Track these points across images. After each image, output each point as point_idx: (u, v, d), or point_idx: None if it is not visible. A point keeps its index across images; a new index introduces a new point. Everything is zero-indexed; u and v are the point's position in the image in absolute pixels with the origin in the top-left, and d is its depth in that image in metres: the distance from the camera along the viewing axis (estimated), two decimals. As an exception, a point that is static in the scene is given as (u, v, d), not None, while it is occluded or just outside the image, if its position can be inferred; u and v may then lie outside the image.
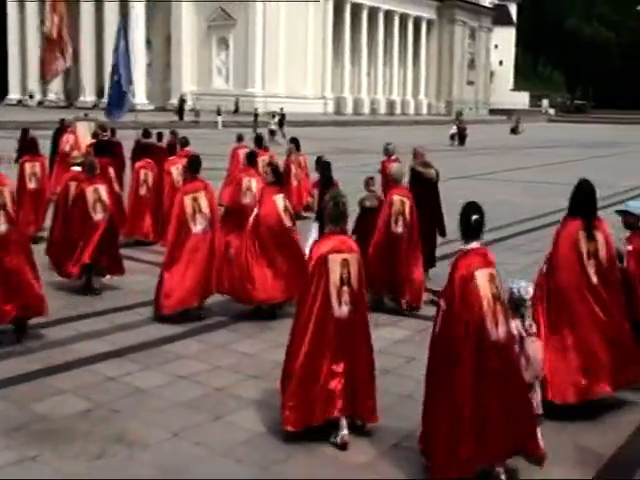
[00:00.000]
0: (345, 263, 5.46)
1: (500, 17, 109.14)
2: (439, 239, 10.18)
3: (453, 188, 19.89)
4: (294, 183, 15.04)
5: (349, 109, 77.12)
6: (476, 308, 4.70)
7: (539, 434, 5.00)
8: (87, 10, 65.88)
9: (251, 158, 10.56)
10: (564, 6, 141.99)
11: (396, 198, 8.76)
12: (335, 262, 5.42)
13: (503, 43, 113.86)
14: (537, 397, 5.21)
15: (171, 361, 7.13)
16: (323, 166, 10.22)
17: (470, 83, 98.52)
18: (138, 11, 62.86)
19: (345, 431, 5.45)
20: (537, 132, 57.65)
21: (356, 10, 78.18)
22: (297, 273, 7.36)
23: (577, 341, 5.88)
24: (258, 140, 14.13)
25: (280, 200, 8.42)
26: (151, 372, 6.83)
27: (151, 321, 8.31)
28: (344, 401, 5.45)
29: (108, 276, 9.67)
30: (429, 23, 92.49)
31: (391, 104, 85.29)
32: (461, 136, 41.53)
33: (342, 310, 5.43)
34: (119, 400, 6.16)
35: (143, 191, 12.60)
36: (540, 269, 6.19)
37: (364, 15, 79.87)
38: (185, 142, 13.63)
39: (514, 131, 56.28)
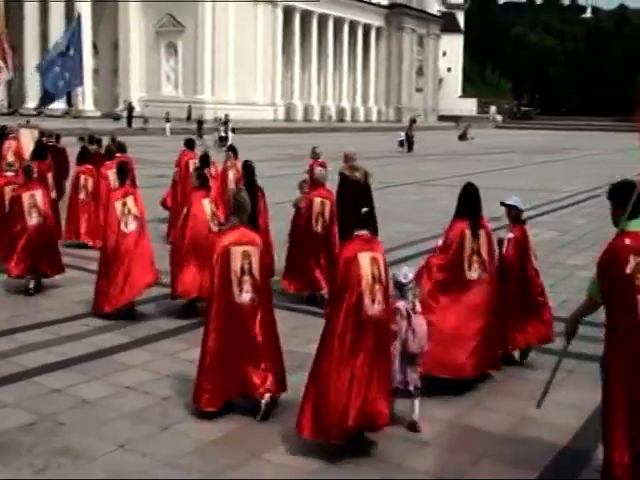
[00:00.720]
0: (246, 254, 5.95)
1: (448, 24, 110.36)
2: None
3: (404, 193, 20.20)
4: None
5: (299, 116, 77.24)
6: (355, 284, 5.27)
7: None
8: (31, 14, 64.74)
9: (205, 161, 11.33)
10: (510, 14, 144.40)
11: (317, 200, 9.20)
12: (236, 253, 5.91)
13: (451, 50, 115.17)
14: (416, 374, 5.78)
15: (118, 371, 7.03)
16: (248, 170, 10.41)
17: (419, 90, 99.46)
18: (84, 16, 61.97)
19: (264, 406, 5.94)
20: (485, 138, 58.40)
21: (306, 17, 78.44)
22: None
23: (451, 325, 6.50)
24: (189, 143, 14.18)
25: (207, 204, 8.77)
26: (97, 383, 6.73)
27: (97, 331, 8.19)
28: (258, 382, 5.94)
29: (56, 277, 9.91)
30: (378, 30, 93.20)
31: (341, 111, 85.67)
32: (409, 142, 41.91)
33: (243, 298, 5.93)
34: (64, 412, 6.05)
35: (82, 196, 12.95)
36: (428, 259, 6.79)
37: (314, 22, 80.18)
38: (122, 148, 13.97)
39: (462, 137, 56.97)
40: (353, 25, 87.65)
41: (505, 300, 6.91)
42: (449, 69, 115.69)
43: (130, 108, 52.77)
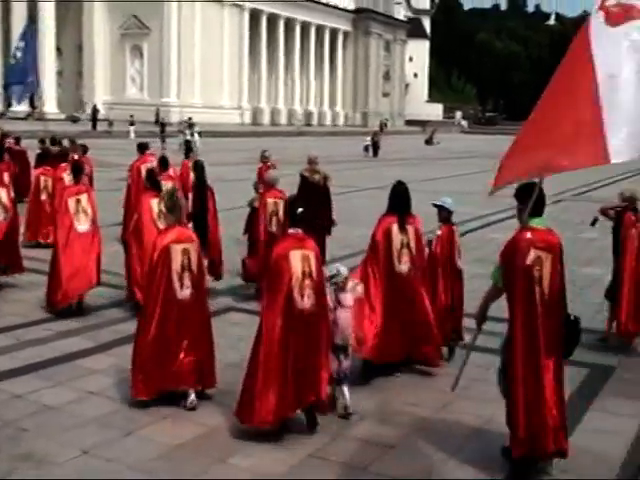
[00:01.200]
0: (185, 252, 6.24)
1: (414, 30, 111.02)
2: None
3: (368, 197, 20.23)
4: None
5: (266, 119, 77.12)
6: (286, 280, 5.61)
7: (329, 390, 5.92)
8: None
9: (164, 163, 11.42)
10: (475, 20, 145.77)
11: (270, 200, 9.58)
12: (177, 251, 6.19)
13: (417, 55, 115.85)
14: (346, 363, 6.20)
15: (81, 377, 6.95)
16: (198, 170, 10.62)
17: (386, 95, 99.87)
18: (48, 18, 61.16)
19: (193, 397, 6.24)
20: (451, 143, 58.84)
21: (273, 20, 78.38)
22: None
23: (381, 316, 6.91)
24: (140, 147, 14.04)
25: (155, 205, 8.88)
26: (60, 388, 6.64)
27: (61, 336, 8.09)
28: (192, 374, 6.25)
29: (16, 275, 10.09)
30: (345, 35, 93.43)
31: (308, 115, 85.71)
32: (375, 147, 42.03)
33: (184, 293, 6.22)
34: (27, 418, 5.97)
35: (44, 196, 13.28)
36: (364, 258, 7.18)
37: (281, 25, 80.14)
38: (83, 149, 14.36)
39: (429, 142, 57.32)
40: (320, 29, 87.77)
41: (436, 294, 7.41)
42: (415, 74, 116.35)
43: (94, 111, 52.24)
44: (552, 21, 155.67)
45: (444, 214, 7.74)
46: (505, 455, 5.32)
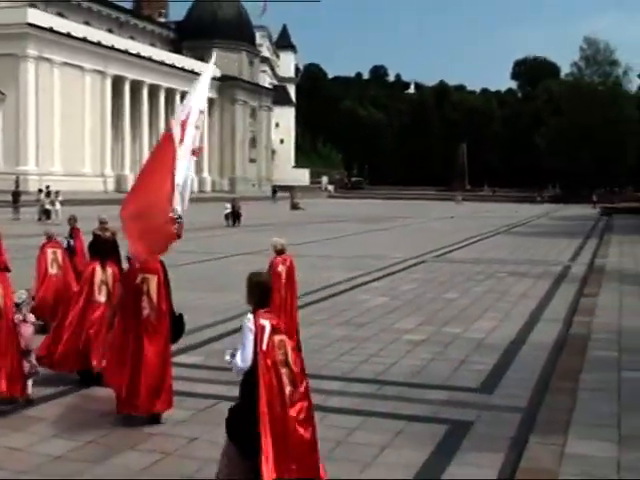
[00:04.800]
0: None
1: (280, 97, 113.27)
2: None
3: (241, 263, 19.79)
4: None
5: (130, 187, 75.69)
6: None
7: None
8: None
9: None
10: (339, 88, 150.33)
11: (49, 250, 11.57)
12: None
13: (284, 122, 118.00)
14: (30, 364, 7.70)
15: None
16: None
17: (252, 160, 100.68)
18: None
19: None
20: (318, 208, 59.54)
21: (136, 87, 77.83)
22: None
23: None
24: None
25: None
26: None
27: None
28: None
29: None
30: (211, 102, 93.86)
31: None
32: (235, 215, 39.33)
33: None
34: None
35: None
36: None
37: (144, 92, 79.68)
38: None
39: (295, 207, 57.74)
40: (185, 96, 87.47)
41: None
42: (282, 140, 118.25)
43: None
44: (412, 90, 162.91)
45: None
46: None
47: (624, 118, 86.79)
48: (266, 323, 4.74)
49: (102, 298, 8.44)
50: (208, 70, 8.42)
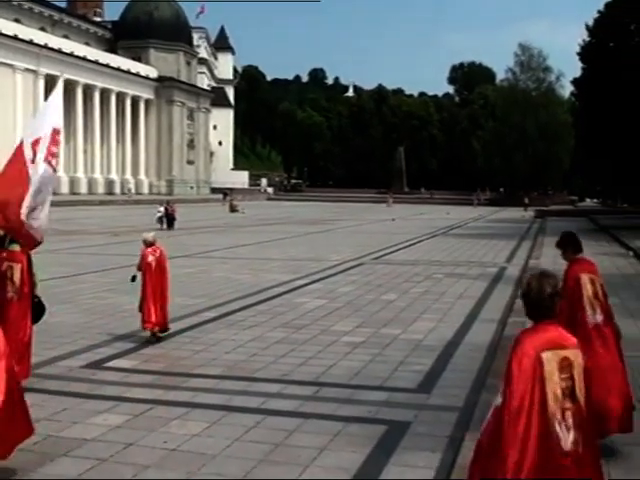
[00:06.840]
0: None
1: (218, 99, 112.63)
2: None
3: (175, 266, 19.52)
4: None
5: (65, 189, 74.31)
6: None
7: None
8: None
9: None
10: (278, 91, 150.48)
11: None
12: None
13: (222, 124, 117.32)
14: None
15: None
16: None
17: (190, 162, 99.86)
18: None
19: None
20: (257, 210, 59.29)
21: (70, 87, 76.34)
22: None
23: None
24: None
25: None
26: None
27: None
28: None
29: None
30: (147, 103, 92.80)
31: (110, 183, 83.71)
32: (169, 219, 37.54)
33: None
34: None
35: None
36: None
37: (79, 92, 78.34)
38: None
39: (233, 209, 57.38)
40: (121, 96, 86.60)
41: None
42: (220, 142, 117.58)
43: None
44: (350, 93, 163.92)
45: None
46: None
47: (557, 123, 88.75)
48: None
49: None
50: (57, 90, 8.78)
